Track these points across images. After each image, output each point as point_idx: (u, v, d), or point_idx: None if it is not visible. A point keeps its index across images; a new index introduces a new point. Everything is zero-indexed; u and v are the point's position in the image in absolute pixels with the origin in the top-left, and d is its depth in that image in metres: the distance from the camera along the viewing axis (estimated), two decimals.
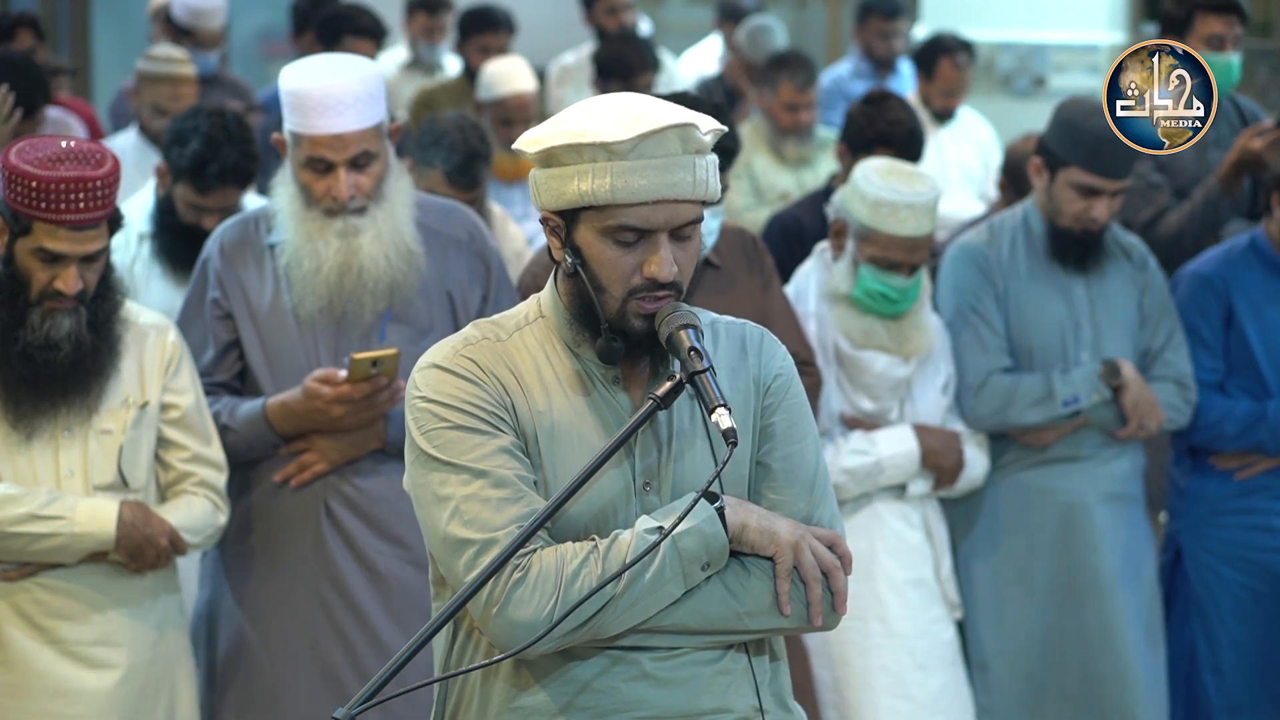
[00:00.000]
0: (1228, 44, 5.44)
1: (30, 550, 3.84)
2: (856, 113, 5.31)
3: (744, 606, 2.59)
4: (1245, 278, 4.91)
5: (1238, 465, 4.94)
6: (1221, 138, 5.52)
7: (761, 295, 4.50)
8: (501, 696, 2.62)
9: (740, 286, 4.43)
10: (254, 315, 4.14)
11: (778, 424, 2.69)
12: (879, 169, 4.56)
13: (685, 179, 2.56)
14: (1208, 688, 4.94)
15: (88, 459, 3.90)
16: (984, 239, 4.85)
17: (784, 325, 4.46)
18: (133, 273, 4.78)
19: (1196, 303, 4.88)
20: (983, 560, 4.82)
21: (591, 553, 2.53)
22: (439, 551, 2.59)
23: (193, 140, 4.68)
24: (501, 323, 2.70)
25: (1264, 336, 4.89)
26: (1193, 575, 4.98)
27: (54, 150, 3.77)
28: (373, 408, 4.07)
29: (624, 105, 2.59)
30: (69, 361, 3.83)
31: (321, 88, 3.96)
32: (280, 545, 4.15)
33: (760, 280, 4.53)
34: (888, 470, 4.61)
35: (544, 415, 2.62)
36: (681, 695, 2.60)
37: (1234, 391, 4.91)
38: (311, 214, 4.06)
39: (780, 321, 4.45)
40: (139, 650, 3.95)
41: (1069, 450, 4.80)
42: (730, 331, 2.74)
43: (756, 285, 4.51)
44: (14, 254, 3.80)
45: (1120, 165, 4.64)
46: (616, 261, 2.58)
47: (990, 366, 4.74)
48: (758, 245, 4.62)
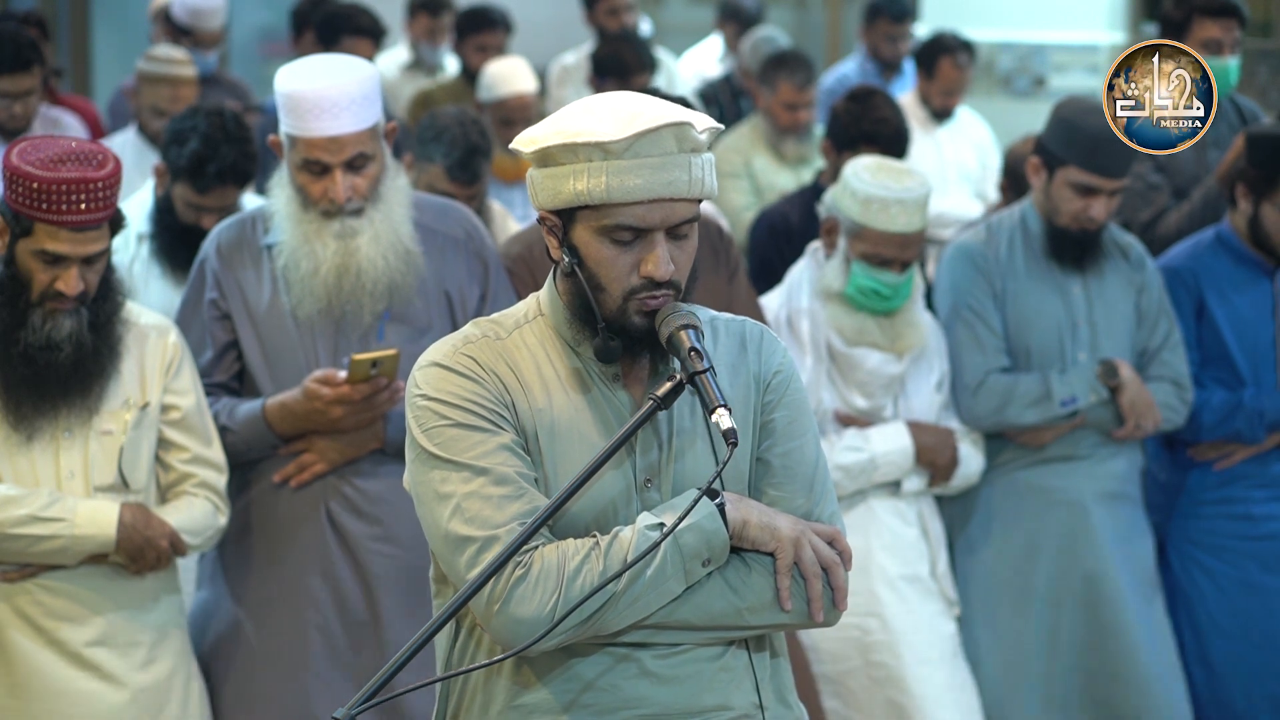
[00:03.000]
0: (1225, 48, 5.45)
1: (31, 552, 3.84)
2: (842, 110, 5.32)
3: (745, 603, 2.60)
4: (1214, 269, 4.94)
5: (1216, 456, 4.96)
6: (1221, 138, 5.53)
7: (726, 287, 4.50)
8: (504, 694, 2.63)
9: (704, 278, 4.41)
10: (252, 316, 4.14)
11: (778, 420, 2.70)
12: (869, 166, 4.58)
13: (681, 177, 2.57)
14: (1196, 680, 4.95)
15: (88, 460, 3.90)
16: (981, 238, 4.86)
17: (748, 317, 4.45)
18: (131, 273, 4.77)
19: (1168, 295, 4.90)
20: (979, 558, 4.83)
21: (593, 550, 2.54)
22: (440, 549, 2.60)
23: (191, 140, 4.68)
24: (501, 321, 2.71)
25: (1235, 326, 4.92)
26: (1176, 567, 5.00)
27: (55, 151, 3.77)
28: (372, 408, 4.08)
29: (619, 104, 2.60)
30: (70, 362, 3.83)
31: (316, 90, 3.96)
32: (279, 546, 4.15)
33: (726, 272, 4.52)
34: (882, 467, 4.62)
35: (544, 413, 2.62)
36: (683, 692, 2.61)
37: (1208, 382, 4.94)
38: (309, 215, 4.06)
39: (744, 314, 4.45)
40: (139, 652, 3.95)
41: (1066, 450, 4.80)
42: (730, 329, 2.75)
43: (722, 277, 4.51)
44: (15, 255, 3.80)
45: (1118, 164, 4.64)
46: (614, 261, 2.59)
47: (988, 366, 4.75)
48: (724, 236, 4.62)
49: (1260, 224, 4.87)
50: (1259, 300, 4.93)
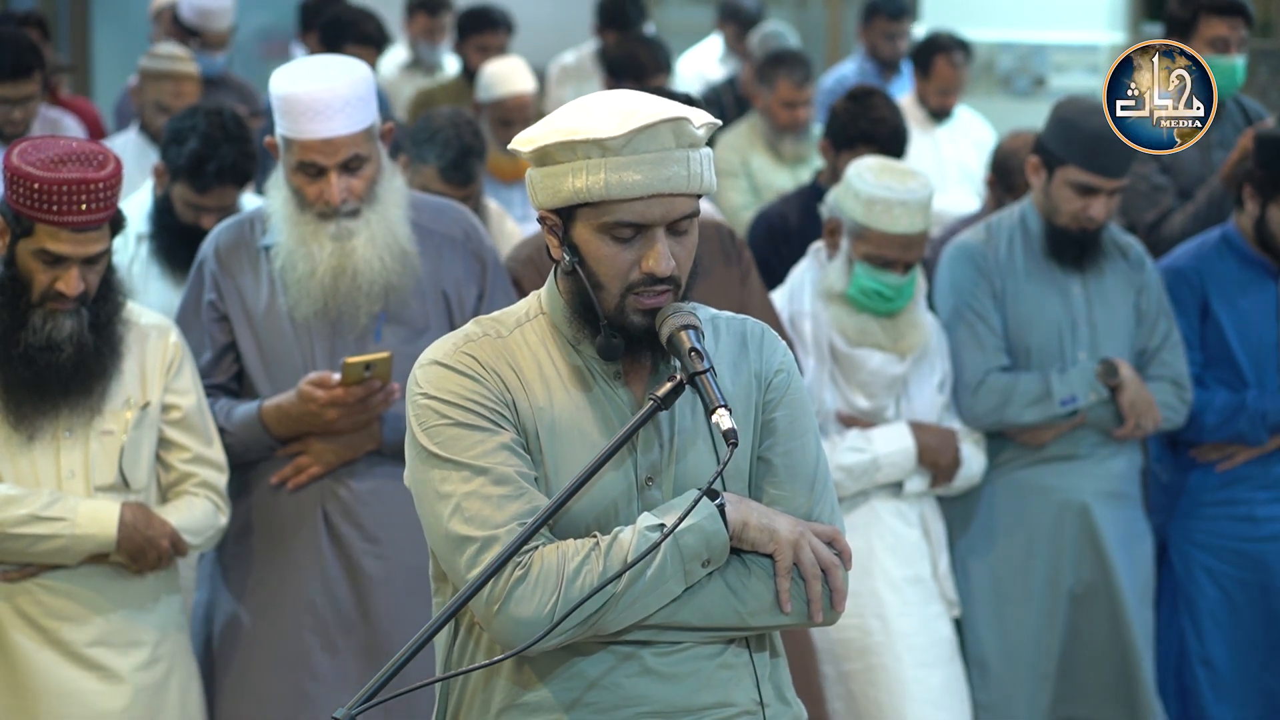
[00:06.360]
0: (1232, 46, 5.43)
1: (31, 551, 3.85)
2: (841, 109, 5.32)
3: (745, 605, 2.60)
4: (1219, 270, 4.94)
5: (1219, 457, 4.97)
6: (1226, 138, 5.52)
7: (739, 288, 4.50)
8: (504, 693, 2.63)
9: (717, 279, 4.42)
10: (250, 318, 4.14)
11: (779, 420, 2.70)
12: (872, 167, 4.58)
13: (679, 173, 2.57)
14: (1199, 679, 4.95)
15: (89, 460, 3.90)
16: (981, 238, 4.86)
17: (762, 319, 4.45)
18: (131, 273, 4.77)
19: (1172, 296, 4.90)
20: (980, 558, 4.83)
21: (593, 550, 2.54)
22: (440, 548, 2.60)
23: (190, 139, 4.67)
24: (502, 319, 2.71)
25: (1239, 328, 4.92)
26: (1178, 568, 5.01)
27: (56, 152, 3.77)
28: (367, 410, 4.07)
29: (617, 101, 2.60)
30: (71, 363, 3.83)
31: (310, 92, 3.95)
32: (278, 547, 4.15)
33: (738, 273, 4.52)
34: (884, 467, 4.62)
35: (545, 411, 2.62)
36: (683, 690, 2.61)
37: (1211, 383, 4.94)
38: (305, 217, 4.06)
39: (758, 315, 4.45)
40: (140, 652, 3.95)
41: (1066, 449, 4.80)
42: (731, 327, 2.75)
43: (734, 278, 4.51)
44: (16, 255, 3.81)
45: (1118, 164, 4.64)
46: (614, 258, 2.59)
47: (988, 365, 4.75)
48: (735, 239, 4.62)
49: (1266, 225, 4.87)
50: (1263, 302, 4.93)
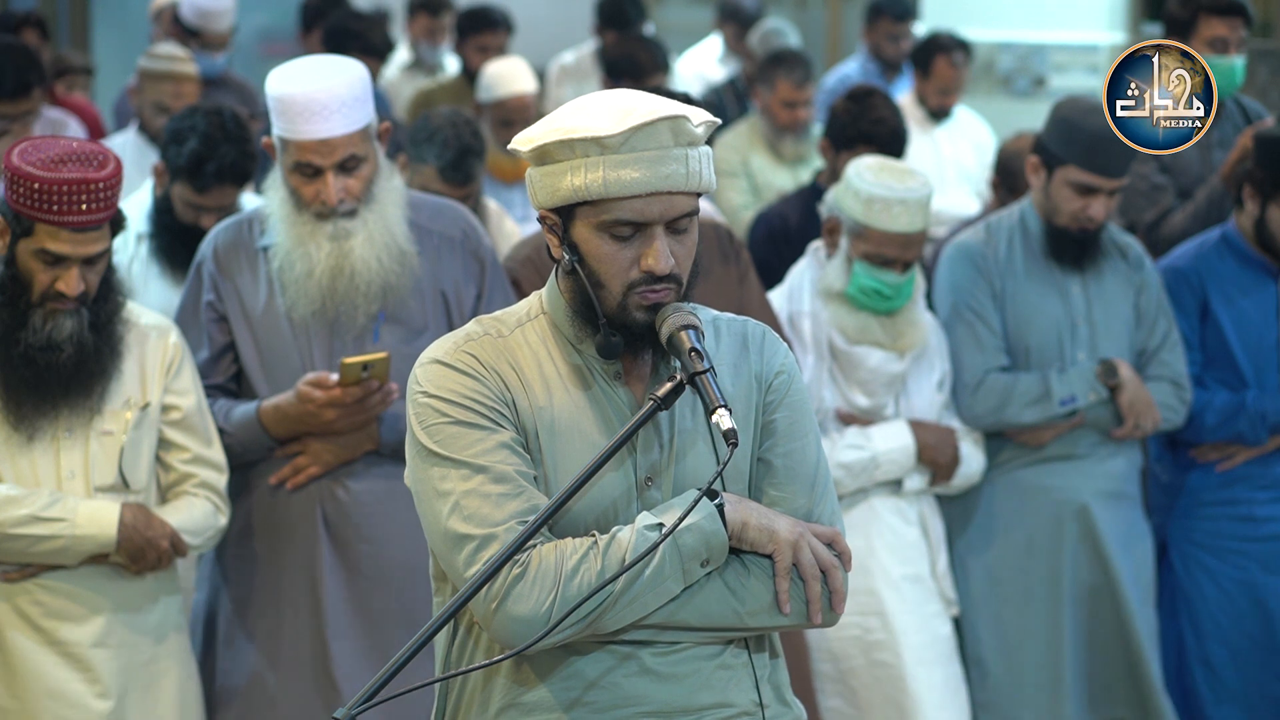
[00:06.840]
0: (1231, 46, 5.43)
1: (31, 552, 3.85)
2: (841, 109, 5.32)
3: (744, 605, 2.60)
4: (1219, 270, 4.94)
5: (1218, 457, 4.97)
6: (1226, 138, 5.52)
7: (737, 288, 4.50)
8: (503, 693, 2.63)
9: (715, 279, 4.42)
10: (248, 318, 4.14)
11: (779, 421, 2.70)
12: (871, 166, 4.58)
13: (678, 171, 2.57)
14: (1197, 680, 4.96)
15: (89, 460, 3.90)
16: (981, 238, 4.86)
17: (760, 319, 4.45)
18: (130, 273, 4.77)
19: (1172, 296, 4.91)
20: (979, 558, 4.83)
21: (591, 549, 2.54)
22: (439, 547, 2.60)
23: (190, 139, 4.67)
24: (503, 319, 2.71)
25: (1239, 328, 4.92)
26: (1178, 568, 5.01)
27: (56, 152, 3.77)
28: (365, 411, 4.07)
29: (615, 100, 2.60)
30: (71, 363, 3.83)
31: (306, 93, 3.95)
32: (277, 548, 4.15)
33: (736, 273, 4.53)
34: (884, 465, 4.62)
35: (545, 411, 2.62)
36: (682, 690, 2.61)
37: (1211, 383, 4.95)
38: (302, 217, 4.06)
39: (756, 315, 4.46)
40: (139, 652, 3.95)
41: (1066, 449, 4.81)
42: (731, 328, 2.75)
43: (732, 278, 4.51)
44: (16, 255, 3.81)
45: (1117, 164, 4.65)
46: (613, 256, 2.59)
47: (987, 365, 4.75)
48: (733, 239, 4.62)
49: (1266, 225, 4.87)
50: (1263, 302, 4.93)
